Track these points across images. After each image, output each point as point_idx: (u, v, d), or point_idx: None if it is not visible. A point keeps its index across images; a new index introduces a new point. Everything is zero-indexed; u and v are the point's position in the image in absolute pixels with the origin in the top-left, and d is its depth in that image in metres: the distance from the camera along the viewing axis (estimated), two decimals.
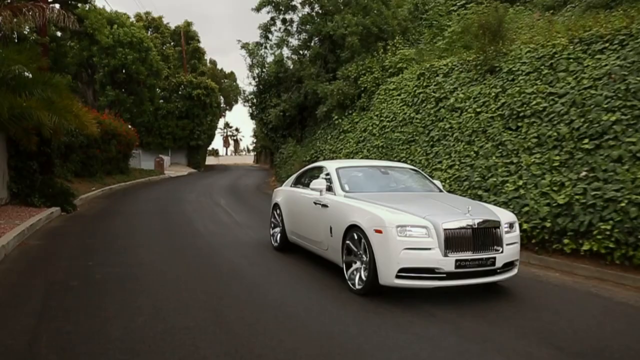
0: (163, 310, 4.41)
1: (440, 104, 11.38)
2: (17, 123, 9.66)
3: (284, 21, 19.64)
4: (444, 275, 4.64)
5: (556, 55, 9.17)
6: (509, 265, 5.04)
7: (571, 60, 8.84)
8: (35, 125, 9.95)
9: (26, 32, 11.92)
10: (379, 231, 4.76)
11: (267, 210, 12.57)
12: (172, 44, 40.52)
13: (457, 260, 4.63)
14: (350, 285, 5.15)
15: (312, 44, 18.89)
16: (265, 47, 19.49)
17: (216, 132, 46.01)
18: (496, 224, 4.91)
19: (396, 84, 14.26)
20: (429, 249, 4.64)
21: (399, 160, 11.18)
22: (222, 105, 54.27)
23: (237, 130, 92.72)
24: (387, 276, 4.70)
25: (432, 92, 11.96)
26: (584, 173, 6.75)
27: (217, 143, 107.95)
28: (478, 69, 10.92)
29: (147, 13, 38.81)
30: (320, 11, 18.47)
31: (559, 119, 8.01)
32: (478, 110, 9.96)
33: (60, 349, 3.52)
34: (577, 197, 6.57)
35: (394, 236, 4.67)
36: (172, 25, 41.04)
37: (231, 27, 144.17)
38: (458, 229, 4.72)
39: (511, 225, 5.17)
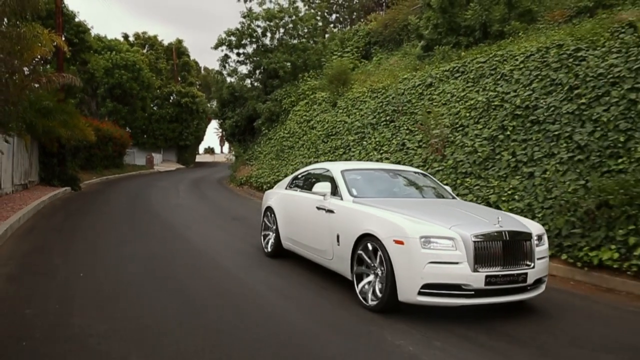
0: (114, 219, 11.11)
1: (308, 124, 17.98)
2: (46, 136, 16.35)
3: (238, 54, 26.26)
4: (472, 292, 4.36)
5: (358, 98, 15.74)
6: (537, 282, 4.75)
7: (363, 101, 15.40)
8: (56, 137, 16.66)
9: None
10: (400, 242, 4.46)
11: (206, 192, 19.18)
12: (165, 57, 47.32)
13: (487, 276, 4.35)
14: (362, 300, 4.85)
15: (257, 72, 25.53)
16: (222, 74, 26.18)
17: (212, 132, 52.89)
18: (527, 236, 4.66)
19: (300, 106, 20.82)
20: (457, 263, 4.34)
21: (284, 160, 17.72)
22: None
23: None
24: (409, 292, 4.41)
25: (308, 115, 18.55)
26: None
27: (214, 142, 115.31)
28: (329, 103, 17.51)
29: (144, 32, 45.71)
30: (262, 48, 25.09)
31: (342, 137, 14.59)
32: (319, 129, 16.55)
33: (72, 225, 10.15)
34: None
35: (417, 248, 4.37)
36: (166, 42, 47.90)
37: (234, 23, 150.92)
38: (488, 241, 4.45)
39: (540, 238, 4.88)
